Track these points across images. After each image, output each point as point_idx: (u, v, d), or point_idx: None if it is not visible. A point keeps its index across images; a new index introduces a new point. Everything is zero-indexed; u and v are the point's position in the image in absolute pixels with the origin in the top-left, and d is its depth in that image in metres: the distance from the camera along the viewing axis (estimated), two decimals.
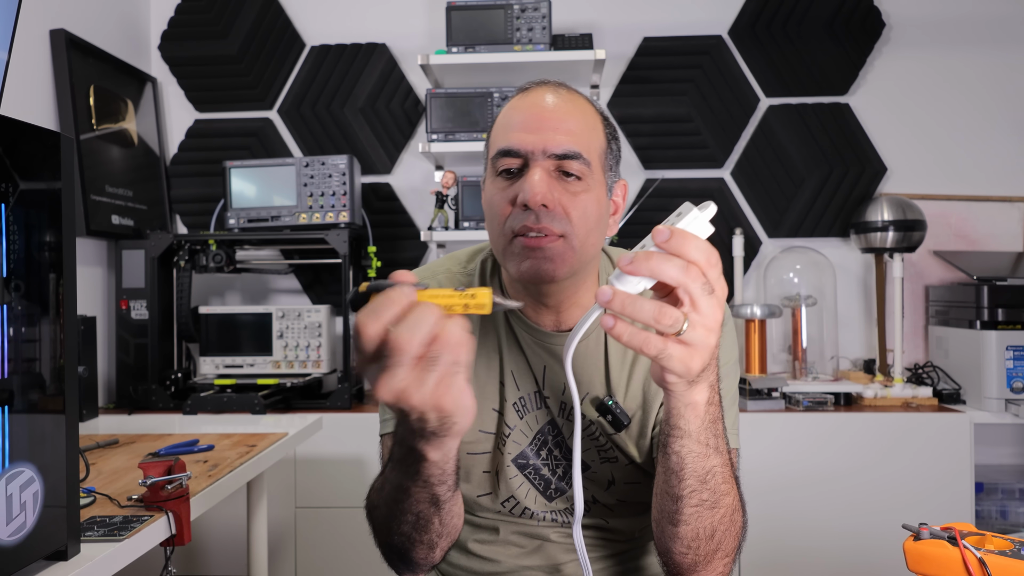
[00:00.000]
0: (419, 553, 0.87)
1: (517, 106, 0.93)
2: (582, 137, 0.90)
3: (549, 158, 0.88)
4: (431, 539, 0.84)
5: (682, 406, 0.72)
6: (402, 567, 0.92)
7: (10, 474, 0.77)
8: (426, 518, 0.81)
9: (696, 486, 0.77)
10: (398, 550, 0.88)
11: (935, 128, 2.59)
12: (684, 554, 0.82)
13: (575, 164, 0.88)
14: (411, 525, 0.82)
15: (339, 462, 2.17)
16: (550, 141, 0.88)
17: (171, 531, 1.06)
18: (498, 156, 0.91)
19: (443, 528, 0.84)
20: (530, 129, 0.89)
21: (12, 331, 0.78)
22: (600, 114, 0.96)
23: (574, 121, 0.90)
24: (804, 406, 2.22)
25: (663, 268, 0.59)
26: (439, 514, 0.81)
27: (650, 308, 0.60)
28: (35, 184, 0.81)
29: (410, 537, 0.84)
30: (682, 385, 0.68)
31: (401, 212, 2.65)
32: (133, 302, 2.30)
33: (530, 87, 0.95)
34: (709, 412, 0.73)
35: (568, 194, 0.89)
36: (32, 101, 2.12)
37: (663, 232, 0.60)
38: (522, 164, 0.90)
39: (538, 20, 2.28)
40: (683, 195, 2.59)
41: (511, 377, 1.00)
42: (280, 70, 2.65)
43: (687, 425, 0.73)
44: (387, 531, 0.86)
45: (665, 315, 0.60)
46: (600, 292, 0.61)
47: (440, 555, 0.89)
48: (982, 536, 0.80)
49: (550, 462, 1.00)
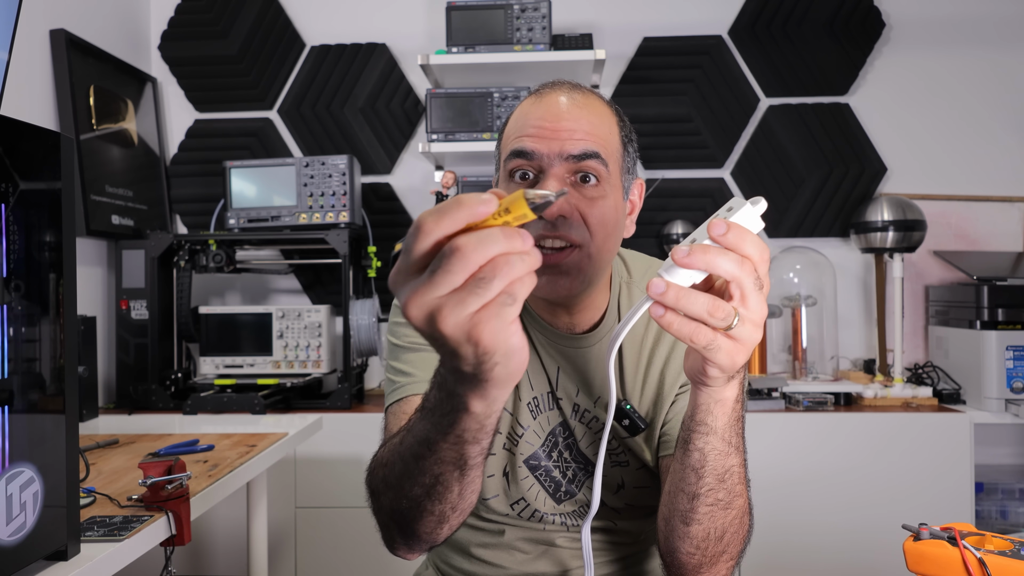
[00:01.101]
0: (426, 525, 0.77)
1: (531, 107, 0.92)
2: (599, 137, 0.88)
3: (566, 161, 0.87)
4: (443, 511, 0.74)
5: (712, 402, 0.71)
6: (400, 541, 0.82)
7: (10, 474, 0.77)
8: (445, 484, 0.71)
9: (714, 484, 0.76)
10: (404, 517, 0.77)
11: (935, 128, 2.59)
12: (691, 554, 0.81)
13: (592, 163, 0.87)
14: (426, 489, 0.72)
15: (339, 462, 2.17)
16: (566, 143, 0.86)
17: (171, 531, 1.06)
18: (511, 157, 0.89)
19: (460, 501, 0.74)
20: (545, 131, 0.87)
21: (12, 331, 0.78)
22: (616, 115, 0.94)
23: (590, 121, 0.89)
24: (804, 406, 2.22)
25: (719, 262, 0.58)
26: (461, 481, 0.71)
27: (704, 302, 0.59)
28: (35, 184, 0.81)
29: (421, 504, 0.74)
30: (721, 380, 0.67)
31: (401, 212, 2.65)
32: (133, 302, 2.30)
33: (544, 88, 0.94)
34: (735, 410, 0.73)
35: (585, 200, 0.87)
36: (32, 101, 2.12)
37: (720, 226, 0.58)
38: (537, 169, 0.88)
39: (538, 20, 2.28)
40: (683, 195, 2.59)
41: (525, 377, 0.99)
42: (280, 70, 2.65)
43: (715, 422, 0.73)
44: (395, 494, 0.76)
45: (719, 309, 0.59)
46: (653, 284, 0.59)
47: (447, 533, 0.79)
48: (982, 536, 0.80)
49: (560, 464, 1.00)
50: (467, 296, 0.49)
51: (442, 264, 0.48)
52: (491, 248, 0.48)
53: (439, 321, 0.50)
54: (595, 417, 0.98)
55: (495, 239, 0.48)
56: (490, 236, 0.48)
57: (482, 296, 0.49)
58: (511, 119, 0.95)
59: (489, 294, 0.49)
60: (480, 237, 0.48)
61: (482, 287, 0.49)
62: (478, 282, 0.49)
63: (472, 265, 0.48)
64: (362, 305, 2.34)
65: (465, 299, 0.49)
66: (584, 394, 0.98)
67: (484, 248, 0.48)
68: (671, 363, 0.97)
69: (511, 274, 0.49)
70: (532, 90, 0.96)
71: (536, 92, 0.94)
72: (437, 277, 0.49)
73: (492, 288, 0.49)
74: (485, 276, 0.48)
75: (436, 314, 0.50)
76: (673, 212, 2.57)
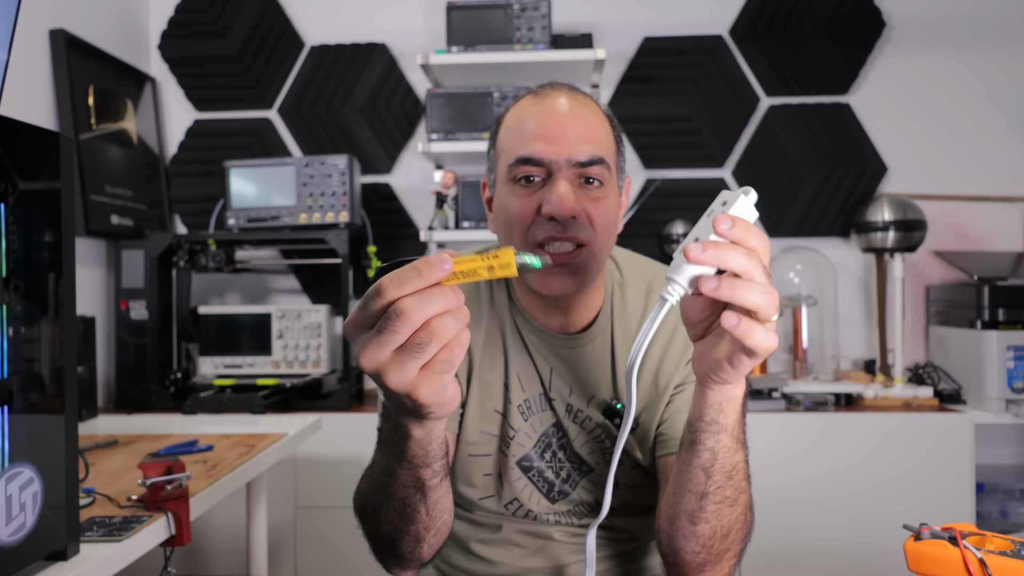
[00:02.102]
0: (406, 546, 0.84)
1: (532, 111, 0.92)
2: (602, 143, 0.91)
3: (573, 167, 0.89)
4: (417, 531, 0.81)
5: (724, 400, 0.72)
6: (390, 561, 0.89)
7: (10, 474, 0.76)
8: (412, 506, 0.78)
9: (722, 482, 0.77)
10: (386, 540, 0.85)
11: (935, 128, 2.59)
12: (697, 553, 0.81)
13: (598, 169, 0.90)
14: (398, 513, 0.80)
15: (339, 462, 2.17)
16: (574, 150, 0.89)
17: (171, 531, 1.06)
18: (517, 164, 0.90)
19: (430, 521, 0.81)
20: (551, 138, 0.89)
21: (12, 331, 0.78)
22: (608, 118, 0.96)
23: (593, 127, 0.91)
24: (805, 406, 2.22)
25: (730, 257, 0.59)
26: (425, 503, 0.78)
27: (759, 291, 0.61)
28: (35, 184, 0.81)
29: (397, 527, 0.82)
30: (738, 375, 0.68)
31: (401, 212, 2.65)
32: (132, 302, 2.30)
33: (542, 90, 0.95)
34: (743, 406, 0.75)
35: (590, 201, 0.90)
36: (32, 101, 2.12)
37: (726, 221, 0.59)
38: (544, 174, 0.90)
39: (538, 20, 2.28)
40: (683, 195, 2.59)
41: (516, 379, 1.00)
42: (280, 70, 2.65)
43: (725, 420, 0.73)
44: (375, 519, 0.84)
45: (774, 297, 0.61)
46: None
47: (428, 552, 0.86)
48: (983, 536, 0.80)
49: (554, 464, 1.00)
50: (408, 359, 0.56)
51: (387, 324, 0.55)
52: (430, 308, 0.54)
53: (384, 377, 0.58)
54: (588, 417, 0.99)
55: (434, 299, 0.54)
56: (430, 297, 0.54)
57: (420, 359, 0.56)
58: (508, 121, 0.96)
59: (426, 357, 0.56)
60: (421, 299, 0.54)
61: (420, 351, 0.56)
62: (417, 347, 0.55)
63: (413, 325, 0.54)
64: None
65: (406, 362, 0.56)
66: (577, 394, 0.99)
67: (424, 308, 0.54)
68: (664, 364, 0.98)
69: (445, 335, 0.55)
70: (527, 91, 0.97)
71: (534, 94, 0.95)
72: (383, 336, 0.55)
73: (428, 351, 0.56)
74: (422, 341, 0.55)
75: (382, 372, 0.57)
76: (673, 212, 2.57)
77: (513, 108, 0.96)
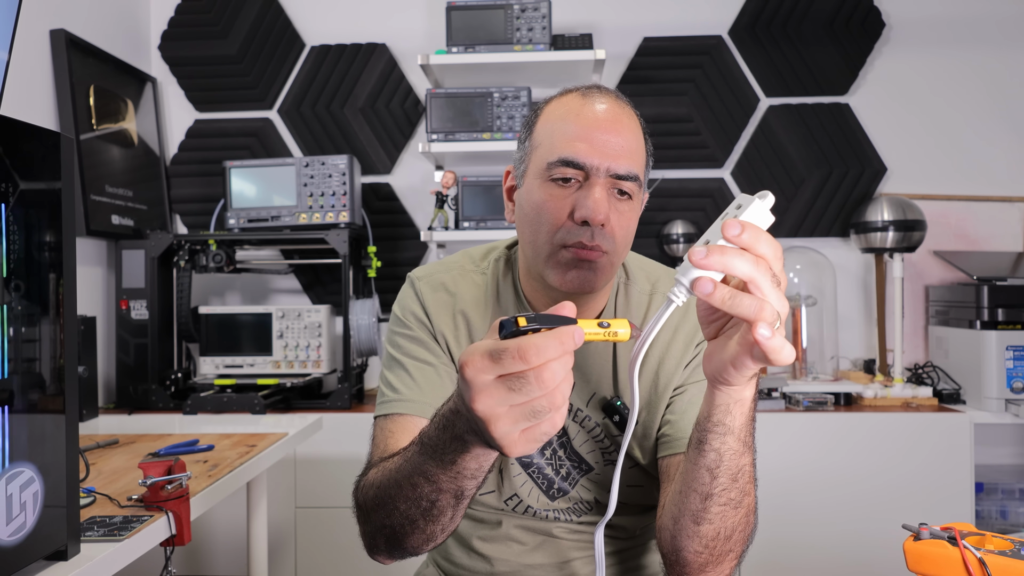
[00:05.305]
0: (415, 540, 0.82)
1: (579, 112, 0.92)
2: (638, 158, 0.92)
3: (610, 177, 0.89)
4: (434, 531, 0.80)
5: (732, 402, 0.72)
6: (383, 550, 0.87)
7: (10, 474, 0.77)
8: (441, 509, 0.77)
9: (727, 484, 0.77)
10: (395, 533, 0.82)
11: (935, 128, 2.59)
12: (699, 553, 0.82)
13: (631, 184, 0.90)
14: (422, 512, 0.77)
15: (339, 462, 2.17)
16: (615, 161, 0.89)
17: (171, 531, 1.06)
18: (558, 164, 0.90)
19: (451, 524, 0.80)
20: (595, 143, 0.89)
21: (12, 331, 0.78)
22: (644, 132, 0.96)
23: (633, 141, 0.91)
24: (804, 406, 2.22)
25: (735, 263, 0.59)
26: (456, 508, 0.77)
27: (749, 302, 0.61)
28: (35, 184, 0.81)
29: (415, 523, 0.79)
30: (745, 378, 0.68)
31: (401, 212, 2.65)
32: (133, 302, 2.30)
33: (589, 91, 0.94)
34: (751, 409, 0.75)
35: (617, 213, 0.91)
36: (32, 101, 2.12)
37: (735, 226, 0.59)
38: (583, 177, 0.90)
39: (538, 20, 2.28)
40: (683, 195, 2.59)
41: None
42: (280, 70, 2.65)
43: (733, 422, 0.73)
44: (388, 511, 0.81)
45: (782, 305, 0.61)
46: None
47: (431, 547, 0.85)
48: (982, 536, 0.80)
49: (554, 462, 1.01)
50: (521, 419, 0.57)
51: (520, 386, 0.56)
52: (560, 378, 0.56)
53: (491, 426, 0.58)
54: (588, 416, 0.99)
55: (565, 370, 0.56)
56: (563, 368, 0.56)
57: (531, 421, 0.58)
58: (550, 115, 0.94)
59: (537, 420, 0.58)
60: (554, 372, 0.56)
61: (535, 416, 0.57)
62: (534, 411, 0.57)
63: (541, 393, 0.56)
64: (362, 305, 2.34)
65: (518, 420, 0.57)
66: (577, 393, 0.99)
67: (557, 380, 0.56)
68: (664, 364, 0.98)
69: (562, 405, 0.58)
70: (568, 89, 0.96)
71: (581, 93, 0.94)
72: (512, 395, 0.56)
73: (542, 416, 0.57)
74: (541, 408, 0.57)
75: (493, 420, 0.57)
76: (673, 212, 2.57)
77: (555, 103, 0.95)
